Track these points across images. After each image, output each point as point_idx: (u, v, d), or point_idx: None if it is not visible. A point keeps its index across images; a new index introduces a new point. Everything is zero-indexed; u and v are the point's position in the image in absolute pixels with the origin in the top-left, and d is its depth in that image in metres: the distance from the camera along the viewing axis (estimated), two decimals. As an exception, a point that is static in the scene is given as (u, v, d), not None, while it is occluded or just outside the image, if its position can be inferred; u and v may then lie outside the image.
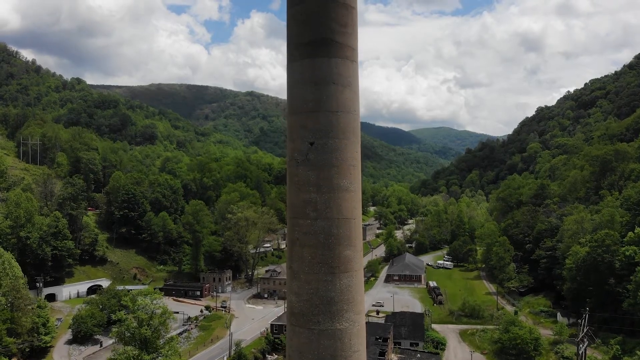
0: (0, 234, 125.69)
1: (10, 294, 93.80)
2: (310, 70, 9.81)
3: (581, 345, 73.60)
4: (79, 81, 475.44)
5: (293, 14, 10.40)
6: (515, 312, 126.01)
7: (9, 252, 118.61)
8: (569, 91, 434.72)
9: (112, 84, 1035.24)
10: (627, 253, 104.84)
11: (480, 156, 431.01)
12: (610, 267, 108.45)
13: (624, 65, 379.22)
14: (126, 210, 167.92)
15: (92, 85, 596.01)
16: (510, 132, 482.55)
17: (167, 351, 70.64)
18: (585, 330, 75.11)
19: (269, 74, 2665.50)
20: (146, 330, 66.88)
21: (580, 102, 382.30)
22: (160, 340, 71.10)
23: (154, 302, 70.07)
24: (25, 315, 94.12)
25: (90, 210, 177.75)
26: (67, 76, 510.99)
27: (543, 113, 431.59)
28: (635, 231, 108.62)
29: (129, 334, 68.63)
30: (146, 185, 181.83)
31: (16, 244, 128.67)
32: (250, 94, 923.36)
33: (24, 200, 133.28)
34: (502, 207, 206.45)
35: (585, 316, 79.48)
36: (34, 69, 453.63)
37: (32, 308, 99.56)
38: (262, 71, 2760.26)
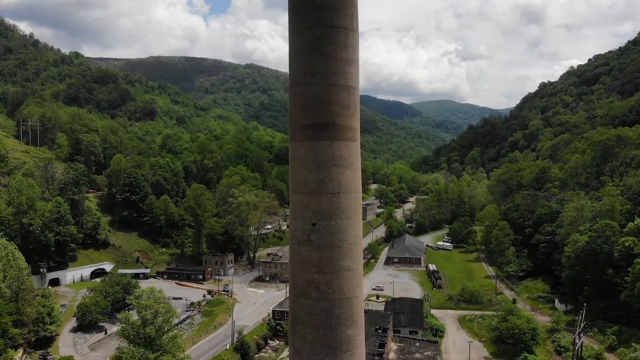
0: (2, 221, 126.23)
1: (14, 285, 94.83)
2: (312, 152, 9.81)
3: (577, 341, 74.83)
4: (77, 55, 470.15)
5: (295, 94, 10.33)
6: (514, 301, 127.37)
7: (13, 240, 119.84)
8: (572, 67, 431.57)
9: (110, 57, 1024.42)
10: (627, 244, 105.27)
11: (482, 132, 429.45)
12: (609, 257, 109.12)
13: (628, 41, 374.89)
14: (127, 194, 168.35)
15: (90, 58, 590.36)
16: (512, 105, 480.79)
17: (171, 348, 71.88)
18: (582, 326, 76.22)
19: (268, 46, 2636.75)
20: (151, 329, 67.92)
21: (583, 79, 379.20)
22: (164, 337, 72.17)
23: (158, 301, 70.89)
24: (30, 306, 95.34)
25: (91, 192, 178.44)
26: (65, 49, 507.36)
27: (546, 89, 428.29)
28: (635, 222, 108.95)
29: (133, 333, 69.73)
30: (147, 168, 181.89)
31: (19, 230, 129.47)
32: (250, 66, 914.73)
33: (25, 187, 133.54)
34: (503, 190, 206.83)
35: (583, 312, 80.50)
36: (32, 43, 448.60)
37: (36, 296, 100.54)
38: (260, 43, 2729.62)
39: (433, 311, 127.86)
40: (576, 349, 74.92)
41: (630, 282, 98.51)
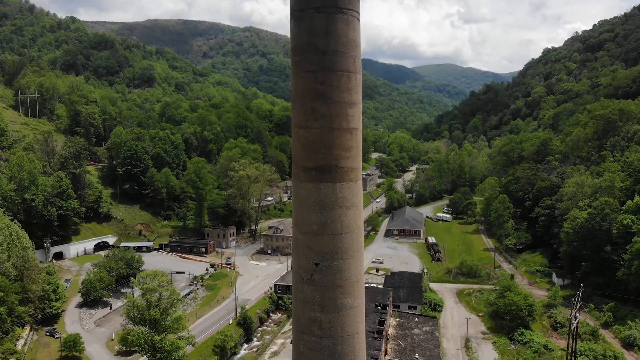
0: (5, 197, 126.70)
1: (19, 263, 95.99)
2: (315, 194, 10.13)
3: (574, 321, 76.24)
4: (73, 20, 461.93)
5: (297, 135, 10.56)
6: (512, 277, 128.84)
7: (15, 215, 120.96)
8: (576, 32, 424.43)
9: (106, 20, 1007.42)
10: (625, 222, 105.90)
11: (484, 99, 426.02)
12: (608, 234, 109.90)
13: (634, 7, 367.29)
14: (128, 167, 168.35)
15: (86, 23, 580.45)
16: (515, 70, 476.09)
17: (175, 329, 73.41)
18: (578, 307, 77.53)
19: (266, 8, 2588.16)
20: (155, 312, 69.16)
21: (587, 45, 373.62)
22: (168, 319, 73.52)
23: (162, 284, 71.89)
24: (35, 283, 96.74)
25: (92, 164, 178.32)
26: (61, 13, 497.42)
27: (549, 55, 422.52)
28: (635, 200, 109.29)
29: (138, 315, 71.04)
30: (147, 141, 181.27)
31: (21, 205, 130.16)
32: (249, 29, 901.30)
33: (26, 162, 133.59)
34: (504, 162, 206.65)
35: (579, 292, 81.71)
36: (28, 9, 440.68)
37: (41, 273, 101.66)
38: (258, 5, 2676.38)
39: (432, 284, 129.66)
40: (572, 328, 76.42)
41: (628, 260, 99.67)
